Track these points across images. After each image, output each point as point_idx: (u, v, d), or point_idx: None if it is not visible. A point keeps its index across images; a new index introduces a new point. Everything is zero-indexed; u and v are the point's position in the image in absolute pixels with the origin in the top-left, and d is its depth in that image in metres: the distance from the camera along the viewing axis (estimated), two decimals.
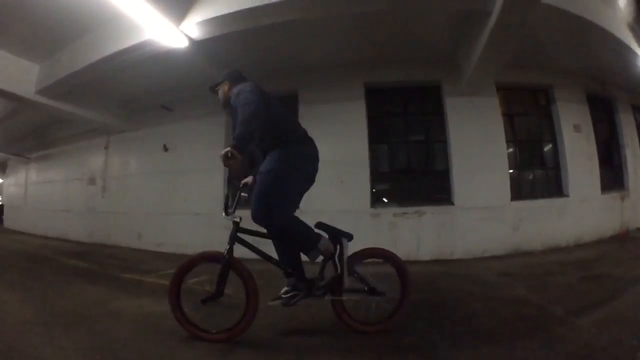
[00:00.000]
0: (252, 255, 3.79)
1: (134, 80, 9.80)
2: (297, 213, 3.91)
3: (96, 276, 7.03)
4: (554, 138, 9.61)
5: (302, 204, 4.08)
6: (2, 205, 24.30)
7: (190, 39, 7.03)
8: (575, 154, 9.40)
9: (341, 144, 8.73)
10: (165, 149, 10.87)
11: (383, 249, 3.90)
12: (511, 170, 9.00)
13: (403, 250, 7.78)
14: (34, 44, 8.62)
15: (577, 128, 9.54)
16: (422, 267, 7.28)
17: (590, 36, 7.83)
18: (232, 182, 4.36)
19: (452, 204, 8.59)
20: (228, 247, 3.69)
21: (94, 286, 6.16)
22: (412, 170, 8.99)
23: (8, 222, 20.80)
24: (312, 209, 7.46)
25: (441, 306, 4.63)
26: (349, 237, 3.76)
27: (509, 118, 9.28)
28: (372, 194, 8.73)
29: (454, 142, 8.74)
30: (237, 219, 3.75)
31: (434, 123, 9.10)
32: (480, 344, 3.41)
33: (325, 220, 3.87)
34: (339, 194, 8.56)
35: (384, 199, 8.98)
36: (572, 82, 9.75)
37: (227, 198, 3.92)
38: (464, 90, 8.75)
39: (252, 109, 3.34)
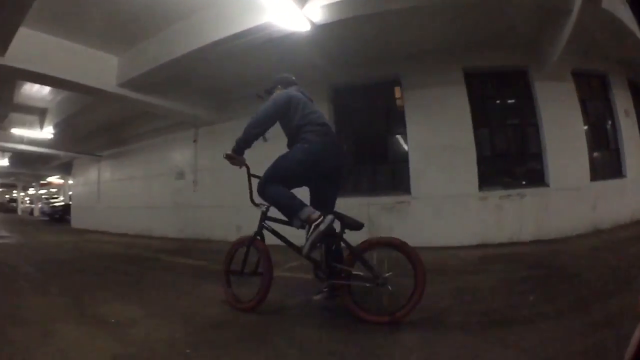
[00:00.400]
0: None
1: (228, 70, 9.58)
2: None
3: (213, 274, 5.96)
4: (612, 122, 9.97)
5: (413, 190, 6.04)
6: (68, 205, 24.63)
7: (312, 22, 6.73)
8: (628, 137, 9.75)
9: (446, 128, 8.78)
10: (265, 139, 9.74)
11: (392, 238, 3.75)
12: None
13: (508, 231, 8.25)
14: (112, 36, 8.47)
15: (627, 113, 9.91)
16: (529, 247, 7.52)
17: None
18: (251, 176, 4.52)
19: (547, 185, 8.72)
20: (255, 232, 4.31)
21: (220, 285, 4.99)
22: (510, 153, 9.08)
23: (76, 222, 21.11)
24: (423, 194, 8.71)
25: (574, 276, 5.08)
26: (358, 226, 3.76)
27: (582, 103, 9.37)
28: (479, 177, 8.69)
29: (545, 125, 8.81)
30: (264, 208, 4.30)
31: (526, 107, 9.11)
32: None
33: (434, 204, 5.53)
34: (448, 179, 8.64)
35: (490, 182, 8.95)
36: (619, 70, 10.12)
37: (251, 190, 4.36)
38: (549, 75, 8.79)
39: (254, 119, 4.16)
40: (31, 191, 52.10)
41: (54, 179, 41.16)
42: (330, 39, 7.68)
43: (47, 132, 15.89)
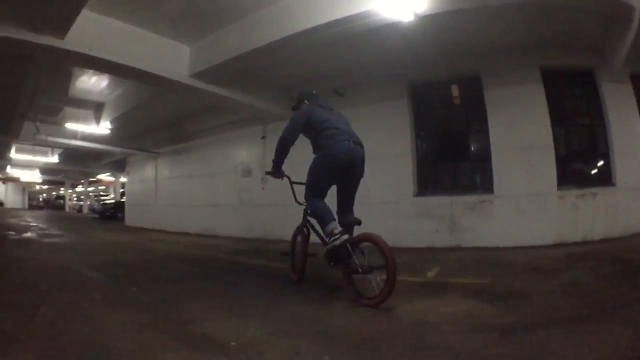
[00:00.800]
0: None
1: (307, 62, 9.28)
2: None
3: (318, 278, 5.66)
4: None
5: (495, 189, 8.15)
6: (120, 203, 24.66)
7: (414, 13, 6.34)
8: None
9: (526, 126, 8.70)
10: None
11: (369, 233, 4.26)
12: None
13: (581, 230, 8.20)
14: (185, 23, 8.12)
15: None
16: (604, 245, 7.50)
17: None
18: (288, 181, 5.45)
19: (614, 185, 8.63)
20: (302, 224, 5.41)
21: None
22: (582, 152, 9.10)
23: (130, 220, 20.85)
24: (505, 192, 8.66)
25: None
26: (359, 222, 4.74)
27: None
28: (558, 176, 8.61)
29: (613, 125, 8.70)
30: (305, 206, 5.20)
31: (594, 108, 9.01)
32: None
33: (516, 203, 7.85)
34: (528, 177, 8.57)
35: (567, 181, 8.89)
36: None
37: (294, 194, 5.51)
38: (614, 77, 8.68)
39: (279, 144, 4.99)
40: (78, 189, 52.81)
41: (104, 177, 41.48)
42: (424, 32, 7.23)
43: (103, 128, 15.58)
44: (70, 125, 15.53)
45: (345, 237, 4.33)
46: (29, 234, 13.23)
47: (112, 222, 22.74)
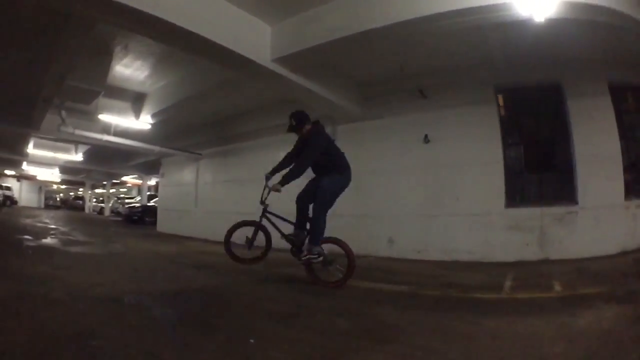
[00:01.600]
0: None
1: (391, 59, 9.04)
2: None
3: (454, 303, 5.14)
4: None
5: (580, 200, 8.47)
6: (149, 207, 23.90)
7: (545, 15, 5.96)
8: None
9: (606, 137, 8.72)
10: (427, 140, 9.79)
11: (336, 238, 6.14)
12: None
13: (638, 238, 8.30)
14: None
15: None
16: None
17: None
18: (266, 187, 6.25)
19: None
20: (260, 218, 6.42)
21: (449, 320, 4.17)
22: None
23: (163, 226, 19.64)
24: (589, 203, 8.54)
25: None
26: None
27: None
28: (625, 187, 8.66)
29: None
30: (268, 204, 6.45)
31: None
32: None
33: (598, 214, 8.25)
34: (609, 188, 8.53)
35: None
36: None
37: (263, 195, 6.46)
38: None
39: (309, 162, 5.95)
40: (99, 190, 52.15)
41: (130, 179, 40.79)
42: (532, 35, 7.07)
43: (144, 122, 13.90)
44: (105, 117, 13.90)
45: (322, 259, 5.96)
46: (49, 240, 11.41)
47: (140, 227, 21.61)
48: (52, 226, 17.38)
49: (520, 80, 9.12)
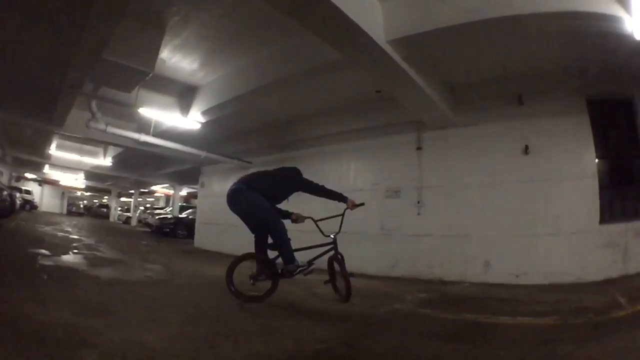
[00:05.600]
0: None
1: (490, 59, 8.46)
2: None
3: (573, 330, 4.77)
4: None
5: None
6: (182, 219, 23.13)
7: None
8: None
9: None
10: (527, 151, 9.17)
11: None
12: None
13: None
14: None
15: None
16: None
17: None
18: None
19: None
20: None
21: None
22: None
23: (201, 242, 18.15)
24: None
25: None
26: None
27: None
28: None
29: None
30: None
31: None
32: None
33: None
34: None
35: None
36: None
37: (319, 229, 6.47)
38: None
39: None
40: (124, 199, 51.98)
41: (160, 188, 40.09)
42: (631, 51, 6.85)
43: (193, 121, 11.94)
44: (146, 112, 11.69)
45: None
46: (70, 257, 9.16)
47: (173, 241, 20.31)
48: (75, 236, 15.38)
49: (611, 93, 8.89)
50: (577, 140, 8.90)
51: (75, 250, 10.51)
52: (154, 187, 39.56)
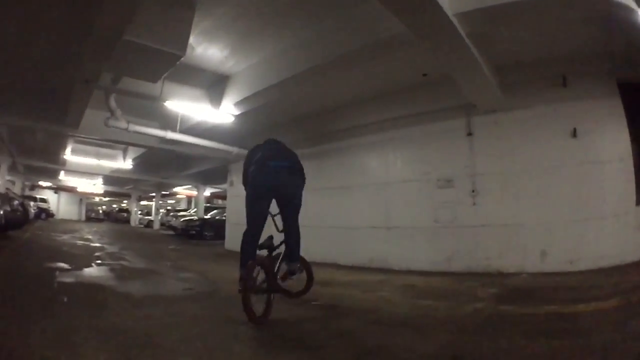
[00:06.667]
0: None
1: (537, 40, 8.14)
2: None
3: None
4: None
5: None
6: (209, 221, 22.73)
7: None
8: None
9: None
10: (575, 134, 8.89)
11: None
12: None
13: None
14: None
15: None
16: None
17: None
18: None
19: None
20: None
21: None
22: None
23: (233, 243, 16.70)
24: None
25: None
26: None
27: None
28: None
29: None
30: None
31: None
32: None
33: None
34: None
35: None
36: None
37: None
38: None
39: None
40: (143, 202, 51.73)
41: (182, 189, 39.48)
42: None
43: (225, 113, 11.22)
44: (174, 105, 10.62)
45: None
46: (94, 271, 8.11)
47: (202, 244, 19.51)
48: (96, 244, 14.47)
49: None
50: (614, 122, 8.88)
51: (99, 261, 9.45)
52: (175, 189, 39.37)
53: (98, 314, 4.63)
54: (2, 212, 9.99)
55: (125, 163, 23.85)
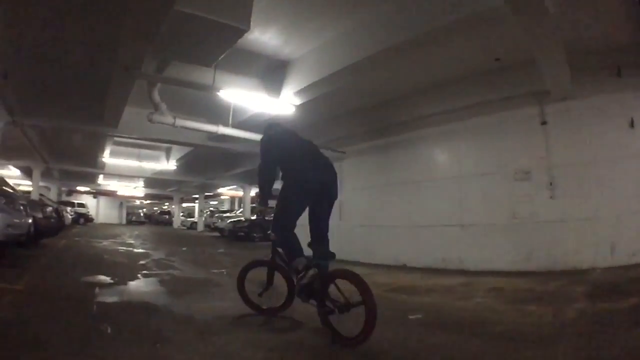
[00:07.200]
0: None
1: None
2: None
3: None
4: None
5: None
6: (258, 222, 21.78)
7: None
8: None
9: None
10: (632, 124, 8.80)
11: (344, 270, 4.25)
12: None
13: None
14: None
15: None
16: None
17: None
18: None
19: None
20: (271, 256, 5.00)
21: None
22: None
23: None
24: None
25: None
26: (332, 256, 4.54)
27: None
28: None
29: None
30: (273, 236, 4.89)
31: None
32: None
33: None
34: None
35: None
36: None
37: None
38: None
39: (259, 177, 4.93)
40: (185, 204, 52.12)
41: (226, 190, 39.64)
42: None
43: (286, 103, 10.24)
44: (228, 95, 9.47)
45: (312, 272, 4.22)
46: (141, 284, 7.01)
47: (252, 246, 19.01)
48: (139, 249, 13.65)
49: None
50: None
51: (145, 271, 8.38)
52: (219, 190, 39.48)
53: (153, 352, 3.43)
54: (30, 221, 9.11)
55: (168, 164, 23.57)
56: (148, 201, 59.26)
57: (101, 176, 30.33)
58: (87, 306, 4.98)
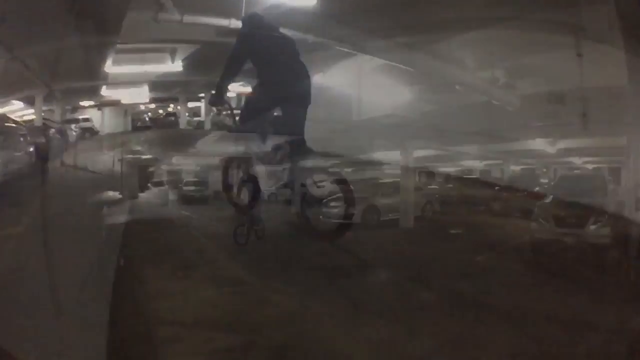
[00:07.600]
0: None
1: None
2: None
3: None
4: None
5: None
6: None
7: None
8: None
9: None
10: None
11: None
12: None
13: None
14: None
15: None
16: None
17: None
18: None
19: None
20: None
21: None
22: None
23: None
24: None
25: None
26: None
27: None
28: None
29: None
30: None
31: None
32: None
33: None
34: None
35: None
36: None
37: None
38: None
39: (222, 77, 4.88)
40: (191, 104, 50.61)
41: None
42: None
43: None
44: None
45: None
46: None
47: None
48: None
49: None
50: None
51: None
52: None
53: None
54: (32, 150, 9.11)
55: (174, 65, 22.95)
56: (153, 105, 59.69)
57: (104, 87, 29.88)
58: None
